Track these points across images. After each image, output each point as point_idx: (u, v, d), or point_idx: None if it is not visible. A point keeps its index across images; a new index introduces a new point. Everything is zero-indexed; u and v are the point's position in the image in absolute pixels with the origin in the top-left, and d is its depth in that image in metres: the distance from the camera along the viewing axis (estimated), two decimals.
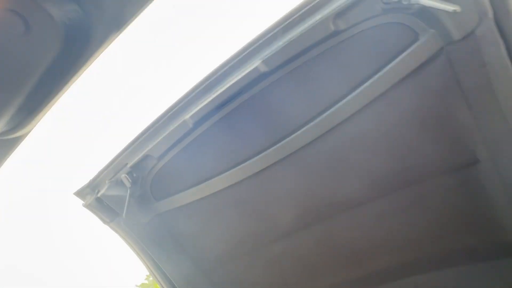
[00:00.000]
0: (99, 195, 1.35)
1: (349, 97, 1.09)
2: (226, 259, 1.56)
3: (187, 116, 1.17)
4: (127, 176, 1.30)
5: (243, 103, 1.14)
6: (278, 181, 1.33)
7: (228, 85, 1.09)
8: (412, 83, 1.06)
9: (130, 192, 1.33)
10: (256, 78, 1.07)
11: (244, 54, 1.07)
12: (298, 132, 1.17)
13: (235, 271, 1.60)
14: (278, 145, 1.20)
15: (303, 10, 0.99)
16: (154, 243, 1.50)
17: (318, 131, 1.15)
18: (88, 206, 1.40)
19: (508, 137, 1.04)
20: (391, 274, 1.44)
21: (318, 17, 0.98)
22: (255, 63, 1.04)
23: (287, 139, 1.19)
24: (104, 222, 1.45)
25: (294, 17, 1.01)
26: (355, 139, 1.21)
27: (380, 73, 1.04)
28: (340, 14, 0.95)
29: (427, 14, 0.92)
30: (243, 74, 1.05)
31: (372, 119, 1.15)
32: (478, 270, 1.32)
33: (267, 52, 1.03)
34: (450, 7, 0.83)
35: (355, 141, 1.21)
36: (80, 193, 1.43)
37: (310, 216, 1.38)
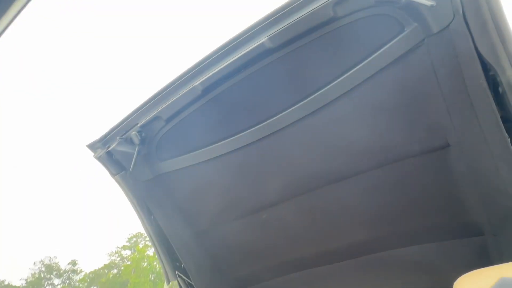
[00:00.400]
0: (109, 149, 1.46)
1: (340, 78, 1.21)
2: (218, 223, 1.69)
3: (197, 82, 1.28)
4: (137, 134, 1.41)
5: (248, 75, 1.25)
6: (273, 151, 1.46)
7: (236, 57, 1.20)
8: (395, 70, 1.18)
9: (138, 149, 1.43)
10: (262, 53, 1.18)
11: (252, 31, 1.18)
12: (293, 107, 1.30)
13: (226, 234, 1.72)
14: (274, 118, 1.33)
15: None
16: (153, 199, 1.62)
17: (311, 107, 1.28)
18: (98, 158, 1.52)
19: (474, 123, 1.14)
20: (364, 248, 1.55)
21: (320, 3, 1.10)
22: (262, 39, 1.16)
23: (282, 113, 1.32)
24: (111, 174, 1.57)
25: (299, 1, 1.12)
26: (342, 117, 1.33)
27: (369, 59, 1.17)
28: (339, 2, 1.07)
29: (411, 9, 1.05)
30: (251, 47, 1.17)
31: (360, 100, 1.27)
32: (444, 247, 1.44)
33: (273, 31, 1.15)
34: (428, 2, 0.97)
35: (342, 120, 1.34)
36: (92, 146, 1.54)
37: (299, 186, 1.51)
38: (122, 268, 40.74)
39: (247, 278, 1.73)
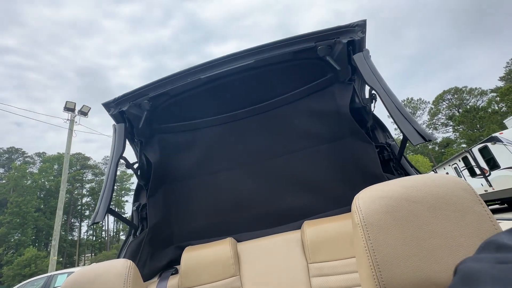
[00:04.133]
0: (123, 109, 1.73)
1: (288, 94, 1.89)
2: (187, 177, 2.12)
3: (203, 76, 1.67)
4: (148, 102, 1.72)
5: (235, 79, 1.73)
6: (239, 131, 2.01)
7: (232, 67, 1.63)
8: (318, 97, 1.85)
9: (146, 114, 1.79)
10: (248, 69, 1.68)
11: (247, 53, 1.62)
12: (253, 107, 1.92)
13: (189, 187, 2.08)
14: (243, 110, 1.92)
15: (284, 42, 1.60)
16: (148, 150, 1.98)
17: (263, 109, 1.92)
18: (112, 115, 1.77)
19: (354, 126, 1.72)
20: (295, 213, 1.90)
21: (288, 49, 1.59)
22: (250, 60, 1.63)
23: (248, 108, 1.92)
24: (117, 123, 1.77)
25: (279, 43, 1.61)
26: (285, 117, 1.93)
27: (307, 86, 1.86)
28: (300, 50, 1.58)
29: (330, 66, 1.68)
30: (244, 63, 1.63)
31: (300, 109, 1.90)
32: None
33: (258, 57, 1.62)
34: (337, 67, 1.61)
35: (285, 118, 1.94)
36: (106, 105, 1.76)
37: (248, 158, 2.02)
38: None
39: (189, 233, 2.02)
